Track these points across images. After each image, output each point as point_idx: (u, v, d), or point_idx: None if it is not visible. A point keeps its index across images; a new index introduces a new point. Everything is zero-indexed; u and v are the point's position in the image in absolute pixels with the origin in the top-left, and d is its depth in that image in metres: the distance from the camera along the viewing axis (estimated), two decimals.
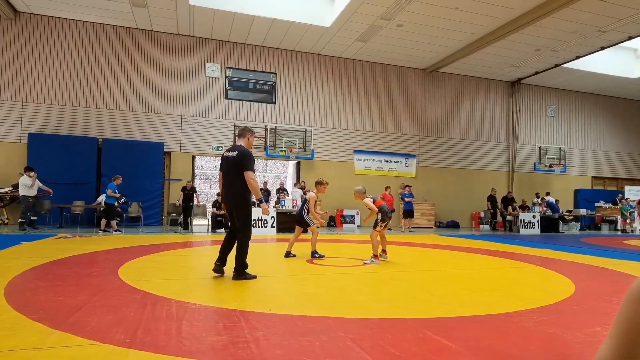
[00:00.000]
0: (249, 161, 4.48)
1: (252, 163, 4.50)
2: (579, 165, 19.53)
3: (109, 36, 13.53)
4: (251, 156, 4.54)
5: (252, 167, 4.46)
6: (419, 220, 15.74)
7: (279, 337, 2.66)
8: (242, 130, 4.78)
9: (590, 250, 8.70)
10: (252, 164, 4.49)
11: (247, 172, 4.43)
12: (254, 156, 4.59)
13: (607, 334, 2.82)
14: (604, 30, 13.32)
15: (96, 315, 3.06)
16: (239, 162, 4.48)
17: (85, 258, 5.98)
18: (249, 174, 4.43)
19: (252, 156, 4.55)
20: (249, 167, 4.44)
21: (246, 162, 4.47)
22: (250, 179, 4.43)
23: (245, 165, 4.44)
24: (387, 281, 4.80)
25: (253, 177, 4.46)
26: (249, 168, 4.44)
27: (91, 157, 12.92)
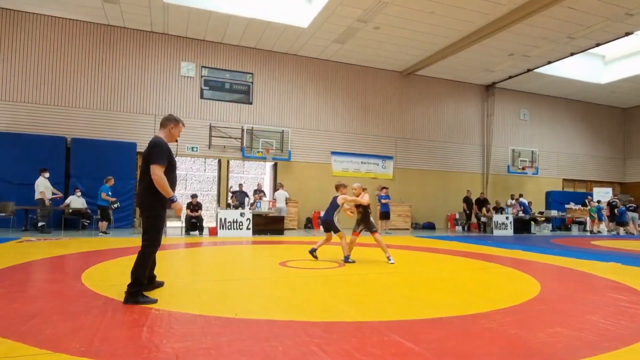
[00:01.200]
0: (156, 153, 3.67)
1: (160, 156, 3.66)
2: (551, 168, 20.09)
3: (78, 32, 13.14)
4: (161, 146, 3.71)
5: (159, 161, 3.65)
6: (396, 222, 15.86)
7: (242, 343, 2.61)
8: (163, 119, 3.99)
9: (559, 251, 8.93)
10: (160, 156, 3.66)
11: (152, 165, 3.63)
12: (168, 148, 3.79)
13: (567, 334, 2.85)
14: (573, 37, 13.74)
15: (52, 323, 2.94)
16: (146, 155, 3.71)
17: (48, 262, 5.76)
18: (154, 168, 3.62)
19: (162, 147, 3.72)
20: (155, 159, 3.64)
21: (153, 154, 3.67)
22: (154, 174, 3.61)
23: (152, 159, 3.65)
24: (358, 283, 4.80)
25: (159, 172, 3.62)
26: (154, 161, 3.63)
27: (59, 157, 12.49)
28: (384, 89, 17.06)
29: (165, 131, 3.92)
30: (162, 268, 5.85)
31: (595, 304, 3.93)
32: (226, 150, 14.60)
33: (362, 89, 16.71)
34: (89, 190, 12.39)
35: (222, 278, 5.06)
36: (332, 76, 16.25)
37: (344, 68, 16.41)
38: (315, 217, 15.25)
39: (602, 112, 21.46)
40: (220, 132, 14.45)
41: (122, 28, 13.58)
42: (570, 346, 2.68)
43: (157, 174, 3.61)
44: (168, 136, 3.93)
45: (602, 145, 21.46)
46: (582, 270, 6.10)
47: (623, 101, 20.82)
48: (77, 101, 13.06)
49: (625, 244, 11.44)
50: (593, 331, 3.01)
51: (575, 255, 8.07)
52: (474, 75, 17.63)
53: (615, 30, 13.32)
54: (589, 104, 21.06)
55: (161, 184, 3.62)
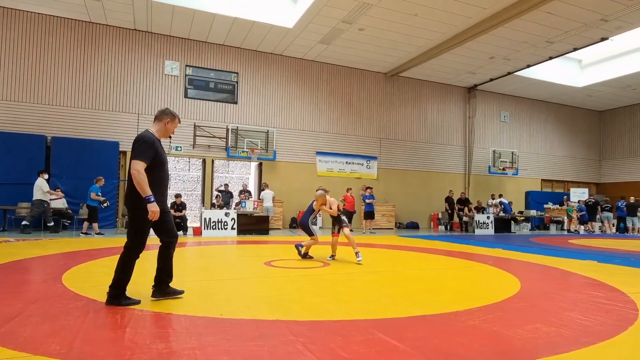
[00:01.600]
0: (139, 148, 3.44)
1: (143, 151, 3.43)
2: (530, 169, 20.54)
3: (59, 29, 12.84)
4: (146, 142, 3.48)
5: (142, 157, 3.41)
6: (380, 222, 15.99)
7: (227, 343, 2.60)
8: (159, 112, 3.76)
9: (538, 249, 9.14)
10: (143, 152, 3.43)
11: (133, 161, 3.40)
12: (155, 143, 3.54)
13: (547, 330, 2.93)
14: (552, 41, 14.08)
15: (31, 324, 2.87)
16: (131, 151, 3.52)
17: (28, 263, 5.62)
18: (135, 163, 3.38)
19: (147, 142, 3.47)
20: (137, 155, 3.41)
21: (136, 149, 3.46)
22: (133, 169, 3.37)
23: (133, 154, 3.44)
24: (343, 282, 4.82)
25: (139, 168, 3.37)
26: (136, 156, 3.41)
27: (39, 156, 12.19)
28: (369, 90, 17.17)
29: (160, 125, 3.71)
30: (145, 268, 5.78)
31: (573, 301, 4.04)
32: (211, 150, 14.48)
33: (347, 89, 16.79)
34: (70, 190, 12.15)
35: (206, 278, 5.02)
36: (317, 77, 16.27)
37: (329, 69, 16.46)
38: (300, 217, 15.22)
39: (579, 115, 22.05)
40: (204, 132, 14.32)
41: (104, 25, 13.33)
42: (551, 342, 2.76)
43: (136, 169, 3.38)
44: (162, 131, 3.72)
45: (579, 147, 22.05)
46: (560, 268, 6.26)
47: (599, 104, 21.44)
48: (58, 99, 12.77)
49: (600, 242, 11.78)
50: (572, 327, 3.10)
51: (554, 253, 8.28)
52: (457, 78, 17.90)
53: (592, 35, 13.71)
54: (566, 107, 21.62)
55: (138, 180, 3.37)
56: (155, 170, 3.53)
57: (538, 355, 2.51)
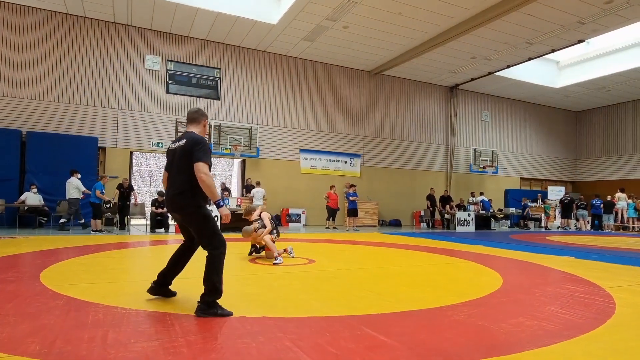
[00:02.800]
0: (203, 150, 3.22)
1: (207, 154, 3.25)
2: (509, 167, 20.97)
3: (35, 20, 12.42)
4: (206, 144, 3.30)
5: (207, 159, 3.22)
6: (363, 219, 16.07)
7: (214, 341, 2.57)
8: (195, 113, 3.52)
9: (517, 246, 9.34)
10: (207, 154, 3.25)
11: (197, 164, 3.18)
12: (209, 146, 3.39)
13: (530, 324, 2.99)
14: (531, 43, 14.39)
15: (9, 324, 2.78)
16: (188, 152, 3.24)
17: (3, 262, 5.43)
18: (202, 166, 3.17)
19: (207, 144, 3.31)
20: (202, 157, 3.19)
21: (198, 151, 3.21)
22: (202, 173, 3.16)
23: (197, 156, 3.19)
24: (329, 279, 4.83)
25: (206, 171, 3.18)
26: (201, 159, 3.18)
27: (13, 152, 11.79)
28: (353, 88, 17.22)
29: (200, 127, 3.51)
30: (127, 266, 5.66)
31: (554, 295, 4.15)
32: None
33: (331, 87, 16.79)
34: (46, 187, 11.81)
35: (189, 276, 4.93)
36: (301, 74, 16.22)
37: (313, 66, 16.42)
38: (284, 215, 15.20)
39: (556, 115, 22.62)
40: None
41: (82, 17, 12.96)
42: (534, 335, 2.82)
43: (204, 172, 3.16)
44: (202, 132, 3.52)
45: (556, 146, 22.63)
46: (539, 264, 6.42)
47: (575, 105, 22.03)
48: (34, 93, 12.36)
49: (576, 239, 12.12)
50: (553, 321, 3.18)
51: (533, 249, 8.48)
52: (439, 77, 18.11)
53: (569, 37, 14.06)
54: (544, 107, 22.15)
55: (209, 184, 3.16)
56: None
57: (522, 348, 2.57)
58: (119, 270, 5.16)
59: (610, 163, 21.62)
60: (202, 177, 3.16)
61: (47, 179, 11.94)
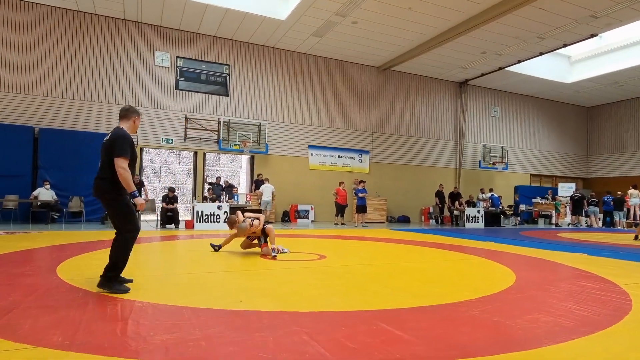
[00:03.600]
0: (121, 145, 3.56)
1: (125, 148, 3.57)
2: (519, 163, 20.80)
3: (47, 17, 12.54)
4: (126, 138, 3.63)
5: (125, 153, 3.56)
6: (372, 215, 16.05)
7: (232, 334, 2.59)
8: (125, 110, 3.87)
9: (528, 242, 9.28)
10: (125, 149, 3.57)
11: (116, 159, 3.52)
12: (130, 138, 3.69)
13: (546, 320, 2.97)
14: (543, 37, 14.21)
15: (30, 317, 2.83)
16: (111, 147, 3.58)
17: (19, 256, 5.52)
18: (118, 161, 3.52)
19: (127, 138, 3.64)
20: (121, 153, 3.54)
21: (118, 146, 3.55)
22: (120, 167, 3.51)
23: (117, 152, 3.54)
24: (341, 275, 4.84)
25: (124, 165, 3.53)
26: (120, 154, 3.54)
27: (26, 148, 11.95)
28: (361, 84, 17.16)
29: (129, 123, 3.86)
30: (140, 261, 5.72)
31: (569, 292, 4.12)
32: (202, 143, 14.35)
33: (340, 83, 16.75)
34: (59, 183, 11.97)
35: (203, 270, 5.00)
36: (309, 70, 16.20)
37: (322, 62, 16.39)
38: (292, 211, 15.24)
39: (567, 111, 22.36)
40: (196, 124, 14.18)
41: (93, 14, 13.05)
42: (550, 331, 2.80)
43: (122, 166, 3.53)
44: (131, 128, 3.87)
45: (567, 142, 22.38)
46: (552, 261, 6.37)
47: (587, 100, 21.75)
48: (46, 90, 12.50)
49: (588, 235, 12.00)
50: (569, 317, 3.16)
51: (544, 246, 8.41)
52: (448, 72, 17.97)
53: (582, 31, 13.87)
54: (555, 103, 21.90)
55: (125, 177, 3.53)
56: (132, 168, 3.70)
57: (540, 344, 2.56)
58: (132, 265, 5.20)
59: (623, 159, 21.34)
60: (119, 171, 3.54)
61: (59, 175, 12.10)
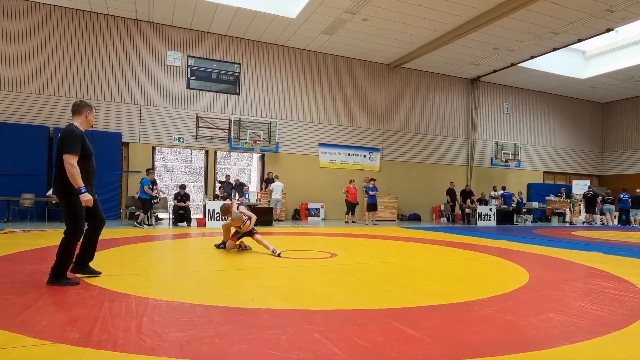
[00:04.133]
0: (69, 142, 3.64)
1: (73, 144, 3.65)
2: (532, 161, 20.53)
3: (61, 18, 12.73)
4: (74, 135, 3.70)
5: (73, 149, 3.63)
6: (382, 213, 16.01)
7: (244, 331, 2.62)
8: (76, 105, 3.91)
9: (542, 241, 9.17)
10: (73, 145, 3.64)
11: (64, 155, 3.62)
12: (82, 135, 3.77)
13: (560, 319, 2.93)
14: (557, 32, 13.99)
15: (48, 313, 2.88)
16: (60, 143, 3.69)
17: (36, 254, 5.63)
18: (67, 157, 3.61)
19: (76, 135, 3.70)
20: (68, 149, 3.62)
21: (66, 142, 3.64)
22: (67, 163, 3.60)
23: (64, 148, 3.64)
24: (352, 273, 4.84)
25: (71, 161, 3.61)
26: (67, 151, 3.62)
27: (42, 147, 12.16)
28: (372, 81, 17.09)
29: (82, 118, 3.90)
30: (154, 259, 5.79)
31: (584, 291, 4.06)
32: (213, 141, 14.45)
33: (350, 81, 16.71)
34: None
35: (215, 268, 5.04)
36: (319, 68, 16.19)
37: (332, 60, 16.36)
38: (303, 209, 15.27)
39: (582, 107, 21.99)
40: (207, 123, 14.28)
41: (105, 15, 13.21)
42: (565, 331, 2.77)
43: (70, 162, 3.61)
44: (84, 123, 3.91)
45: (581, 139, 22.02)
46: (566, 259, 6.28)
47: (602, 96, 21.36)
48: (60, 90, 12.70)
49: (603, 234, 11.81)
50: (585, 317, 3.12)
51: (558, 245, 8.30)
52: (460, 69, 17.80)
53: (597, 26, 13.61)
54: (569, 99, 21.55)
55: (72, 173, 3.61)
56: (84, 161, 3.75)
57: (554, 343, 2.53)
58: (146, 263, 5.29)
59: (639, 156, 20.91)
60: (67, 167, 3.63)
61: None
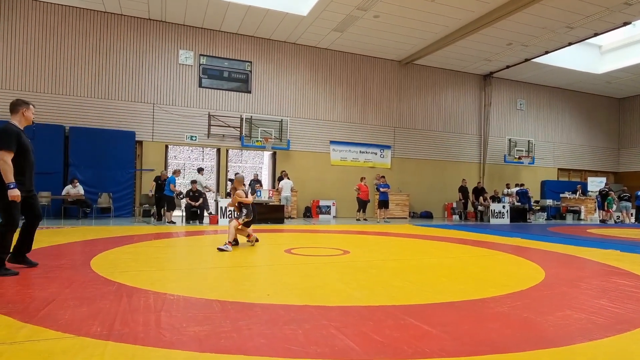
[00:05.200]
0: (3, 139, 3.88)
1: (7, 142, 3.88)
2: (546, 157, 20.24)
3: (75, 19, 12.92)
4: (8, 134, 3.93)
5: (6, 147, 3.88)
6: (394, 211, 15.96)
7: (261, 327, 2.65)
8: (12, 104, 4.16)
9: (557, 238, 9.05)
10: (7, 143, 3.88)
11: (1, 151, 3.86)
12: (17, 133, 4.00)
13: (578, 317, 2.89)
14: (572, 27, 13.75)
15: (69, 307, 2.95)
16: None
17: (55, 250, 5.75)
18: (1, 154, 3.85)
19: (9, 132, 3.94)
20: (1, 146, 3.86)
21: (1, 140, 3.88)
22: (0, 159, 3.84)
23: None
24: (365, 270, 4.85)
25: (4, 158, 3.85)
26: (1, 147, 3.86)
27: (57, 146, 12.38)
28: (383, 79, 17.02)
29: (19, 116, 4.13)
30: (169, 255, 5.87)
31: (601, 289, 4.01)
32: (225, 140, 14.54)
33: (361, 78, 16.66)
34: (88, 180, 12.36)
35: (230, 265, 5.09)
36: (330, 65, 16.17)
37: (343, 57, 16.33)
38: (314, 206, 15.29)
39: (597, 102, 21.59)
40: (219, 121, 14.38)
41: (119, 15, 13.37)
42: (584, 328, 2.74)
43: (2, 159, 3.84)
44: (22, 120, 4.14)
45: (597, 135, 21.63)
46: (582, 257, 6.20)
47: (618, 91, 20.95)
48: (75, 89, 12.90)
49: (619, 232, 11.61)
50: (603, 314, 3.08)
51: (574, 242, 8.19)
52: (472, 65, 17.62)
53: (614, 19, 13.34)
54: (585, 94, 21.17)
55: (4, 169, 3.85)
56: (21, 157, 4.00)
57: (573, 341, 2.51)
58: (162, 259, 5.36)
59: None
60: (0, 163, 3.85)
61: (88, 172, 12.50)
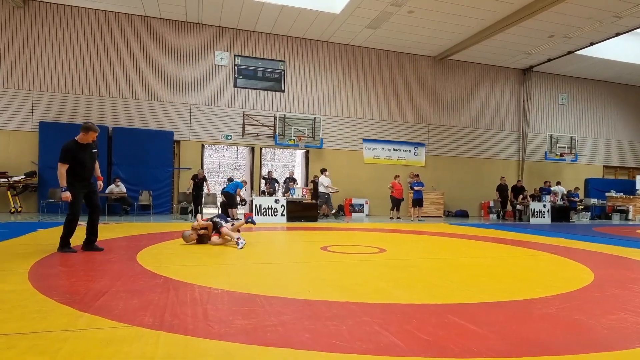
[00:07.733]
0: (60, 153, 5.05)
1: (62, 155, 5.03)
2: (590, 154, 19.31)
3: (117, 24, 13.47)
4: (64, 149, 5.04)
5: (61, 159, 5.03)
6: (428, 210, 15.69)
7: (305, 321, 2.68)
8: (82, 127, 5.17)
9: (604, 239, 8.64)
10: (62, 156, 5.03)
11: (58, 162, 5.04)
12: (71, 149, 5.06)
13: (632, 320, 2.77)
14: (620, 16, 13.03)
15: (122, 299, 3.10)
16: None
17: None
18: (59, 164, 5.03)
19: (66, 149, 5.04)
20: (59, 159, 5.04)
21: (60, 154, 5.07)
22: (58, 169, 5.04)
23: (59, 158, 5.06)
24: (404, 268, 4.80)
25: (60, 167, 5.03)
26: (59, 159, 5.04)
27: (101, 146, 12.81)
28: (417, 75, 16.76)
29: (80, 135, 5.14)
30: (208, 251, 6.03)
31: None
32: (259, 138, 14.76)
33: (394, 75, 16.47)
34: (129, 178, 12.87)
35: (268, 261, 5.18)
36: (363, 62, 16.07)
37: (376, 54, 16.20)
38: (347, 205, 15.28)
39: None
40: (253, 120, 14.61)
41: (158, 19, 13.83)
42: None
43: (58, 168, 5.03)
44: (83, 139, 5.14)
45: None
46: (632, 258, 5.90)
47: None
48: (117, 91, 13.46)
49: None
50: None
51: (623, 243, 7.79)
52: (511, 59, 17.04)
53: None
54: (633, 87, 20.03)
55: (59, 176, 5.04)
56: (78, 167, 5.11)
57: (629, 345, 2.40)
58: (203, 254, 5.52)
59: None
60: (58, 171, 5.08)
61: (130, 170, 13.01)
